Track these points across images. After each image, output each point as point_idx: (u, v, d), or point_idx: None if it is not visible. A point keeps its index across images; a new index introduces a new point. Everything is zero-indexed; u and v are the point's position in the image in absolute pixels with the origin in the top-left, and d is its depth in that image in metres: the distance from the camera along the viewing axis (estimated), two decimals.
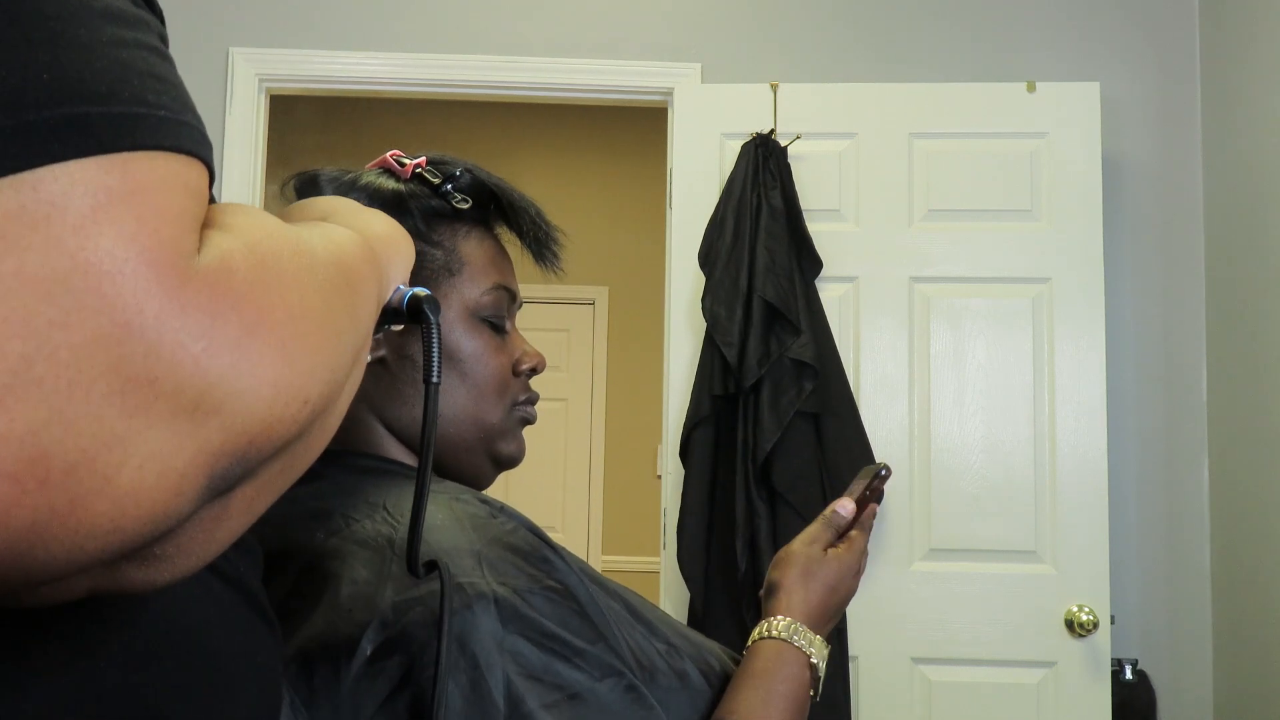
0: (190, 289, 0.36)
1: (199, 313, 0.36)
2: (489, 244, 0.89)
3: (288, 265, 0.41)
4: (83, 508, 0.34)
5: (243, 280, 0.38)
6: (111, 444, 0.34)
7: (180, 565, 0.40)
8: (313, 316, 0.41)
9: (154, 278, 0.35)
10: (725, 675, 0.82)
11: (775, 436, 2.31)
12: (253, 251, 0.39)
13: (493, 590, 0.68)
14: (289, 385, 0.39)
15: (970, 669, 2.42)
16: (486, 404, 0.86)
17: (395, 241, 0.61)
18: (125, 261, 0.34)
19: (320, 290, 0.43)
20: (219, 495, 0.39)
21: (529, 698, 0.65)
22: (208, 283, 0.37)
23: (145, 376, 0.35)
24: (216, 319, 0.36)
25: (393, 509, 0.73)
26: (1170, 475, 2.61)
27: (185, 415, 0.36)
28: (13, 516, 0.33)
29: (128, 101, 0.37)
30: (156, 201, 0.36)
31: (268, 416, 0.38)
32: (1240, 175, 2.50)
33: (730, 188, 2.49)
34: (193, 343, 0.36)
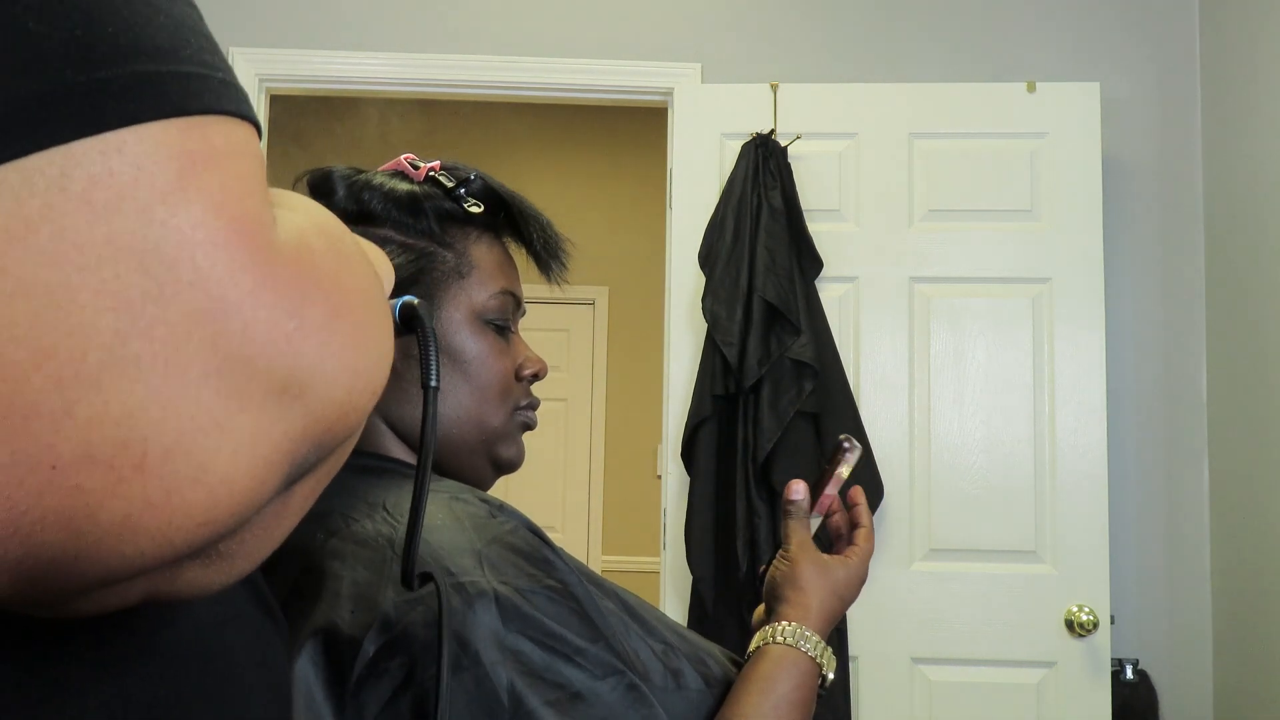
0: (279, 265, 0.34)
1: (290, 290, 0.34)
2: (498, 250, 0.90)
3: (346, 252, 0.39)
4: (178, 496, 0.32)
5: (323, 260, 0.37)
6: (209, 428, 0.32)
7: (240, 565, 0.38)
8: (370, 305, 0.40)
9: (246, 251, 0.33)
10: (723, 676, 0.82)
11: (775, 436, 2.31)
12: (323, 232, 0.38)
13: (494, 589, 0.68)
14: (365, 371, 0.38)
15: (970, 669, 2.42)
16: (489, 406, 0.86)
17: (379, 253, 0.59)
18: (217, 232, 0.32)
19: (368, 283, 0.41)
20: (290, 485, 0.37)
21: (531, 696, 0.65)
22: (295, 259, 0.35)
23: (241, 355, 0.33)
24: (305, 298, 0.35)
25: (393, 509, 0.73)
26: (1170, 475, 2.61)
27: (275, 398, 0.34)
28: (105, 508, 0.31)
29: (190, 61, 0.35)
30: (238, 169, 0.34)
31: (345, 403, 0.37)
32: (1240, 175, 2.50)
33: (730, 188, 2.50)
34: (286, 321, 0.34)
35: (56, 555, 0.31)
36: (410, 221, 0.85)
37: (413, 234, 0.85)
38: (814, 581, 0.88)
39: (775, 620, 0.87)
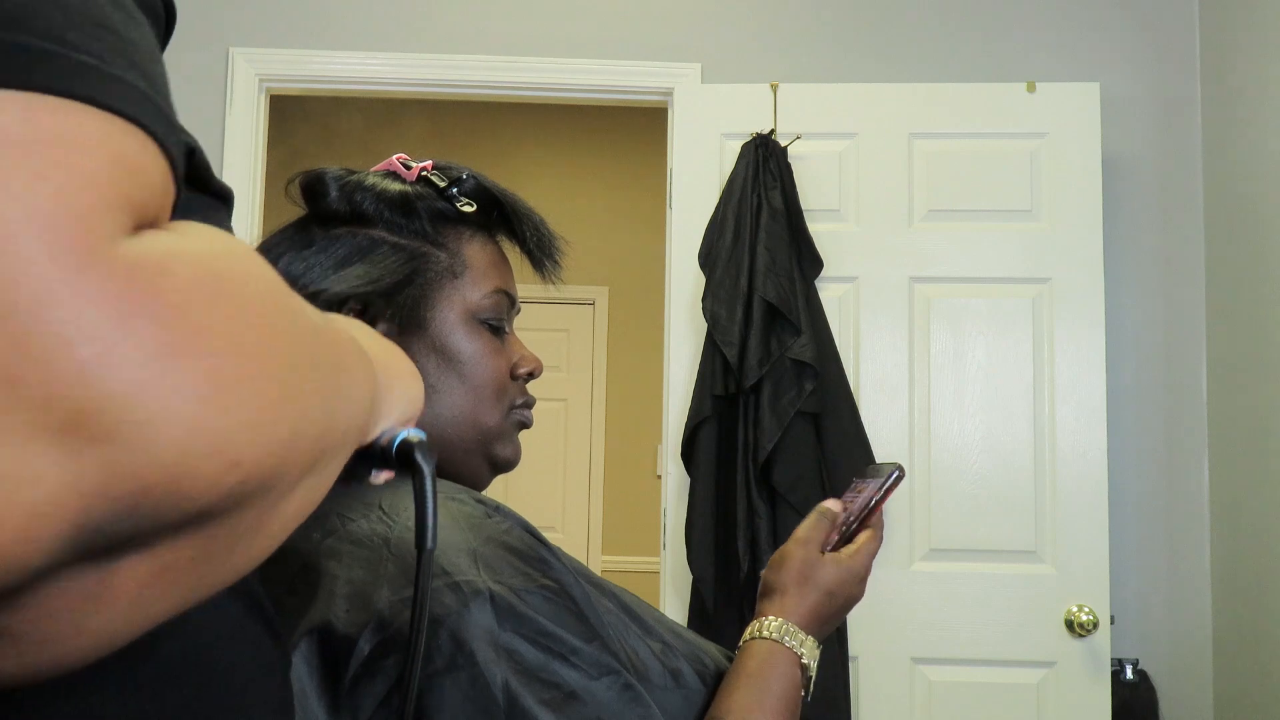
0: (96, 275, 0.28)
1: (102, 307, 0.28)
2: (491, 249, 0.90)
3: (251, 296, 0.33)
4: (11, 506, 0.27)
5: (179, 286, 0.30)
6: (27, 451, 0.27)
7: (34, 655, 0.30)
8: (269, 365, 0.33)
9: (45, 247, 0.27)
10: (720, 675, 0.82)
11: (776, 437, 2.31)
12: (205, 264, 0.32)
13: (489, 589, 0.68)
14: (212, 433, 0.30)
15: (970, 669, 2.42)
16: (484, 406, 0.86)
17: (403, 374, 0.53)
18: (9, 221, 0.27)
19: (289, 346, 0.34)
20: (96, 558, 0.30)
21: (526, 695, 0.65)
22: (126, 275, 0.29)
23: (4, 373, 0.27)
24: (126, 321, 0.28)
25: (388, 508, 0.73)
26: (1170, 475, 2.61)
27: (55, 435, 0.27)
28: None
29: (36, 34, 0.30)
30: (68, 159, 0.29)
31: (175, 464, 0.29)
32: (1240, 175, 2.50)
33: (730, 188, 2.50)
34: (83, 343, 0.28)
35: None
36: (403, 222, 0.85)
37: (405, 234, 0.85)
38: (802, 577, 0.89)
39: (761, 616, 0.87)
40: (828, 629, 0.90)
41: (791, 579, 0.89)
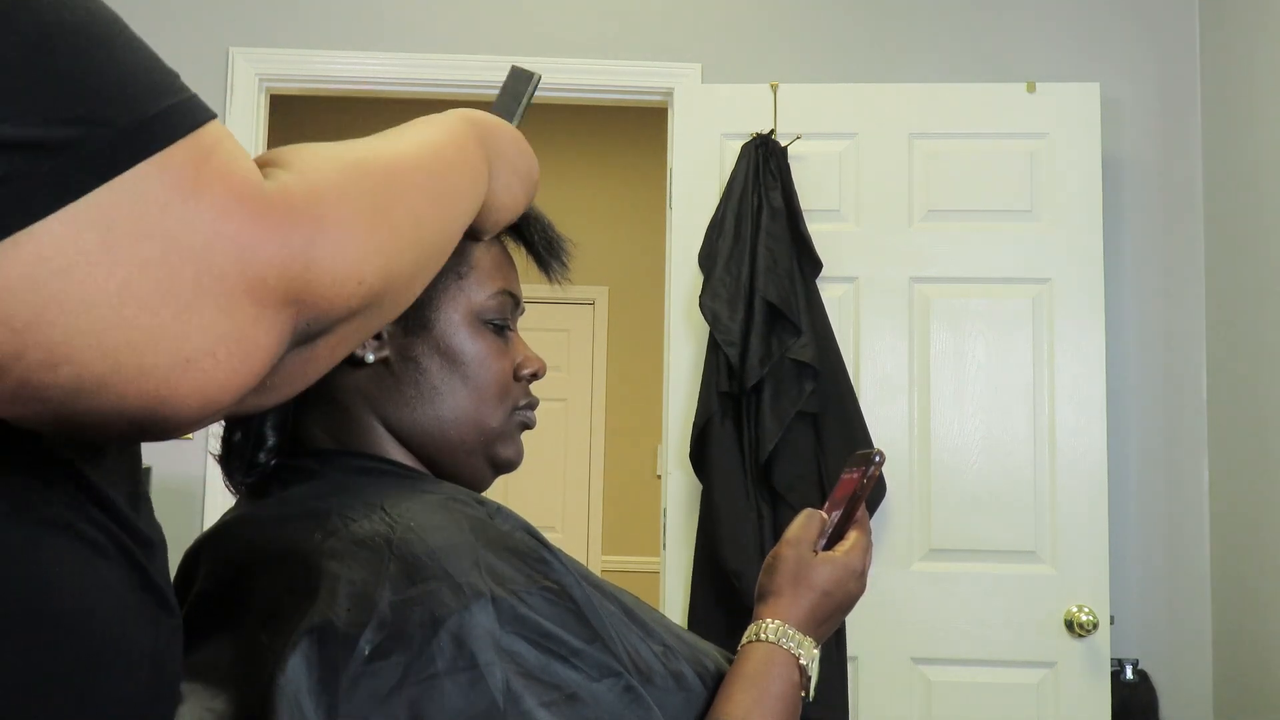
0: (268, 217, 0.51)
1: (278, 232, 0.51)
2: (496, 249, 0.89)
3: (336, 185, 0.56)
4: (249, 366, 0.51)
5: (300, 203, 0.53)
6: (252, 325, 0.51)
7: (283, 391, 0.59)
8: (362, 222, 0.56)
9: (247, 214, 0.50)
10: (720, 676, 0.82)
11: (777, 437, 2.31)
12: (305, 179, 0.55)
13: (490, 590, 0.68)
14: (343, 275, 0.55)
15: (970, 669, 2.42)
16: (487, 407, 0.86)
17: (498, 132, 0.79)
18: (228, 210, 0.49)
19: (373, 200, 0.58)
20: (304, 344, 0.56)
21: (527, 696, 0.65)
22: (278, 209, 0.51)
23: (260, 281, 0.50)
24: (289, 234, 0.52)
25: (390, 509, 0.73)
26: (1170, 475, 2.61)
27: (281, 301, 0.52)
28: (216, 374, 0.50)
29: (177, 92, 0.51)
30: (221, 159, 0.50)
31: (331, 295, 0.54)
32: (1240, 175, 2.50)
33: (730, 188, 2.50)
34: (279, 254, 0.51)
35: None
36: None
37: None
38: (796, 578, 0.88)
39: (759, 618, 0.87)
40: (828, 628, 0.89)
41: (786, 581, 0.88)
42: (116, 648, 0.57)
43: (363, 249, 0.56)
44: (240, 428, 0.84)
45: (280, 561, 0.73)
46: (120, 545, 0.59)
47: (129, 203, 0.47)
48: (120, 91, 0.48)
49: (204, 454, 2.55)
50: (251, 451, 0.83)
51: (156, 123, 0.49)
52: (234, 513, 0.84)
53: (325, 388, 0.84)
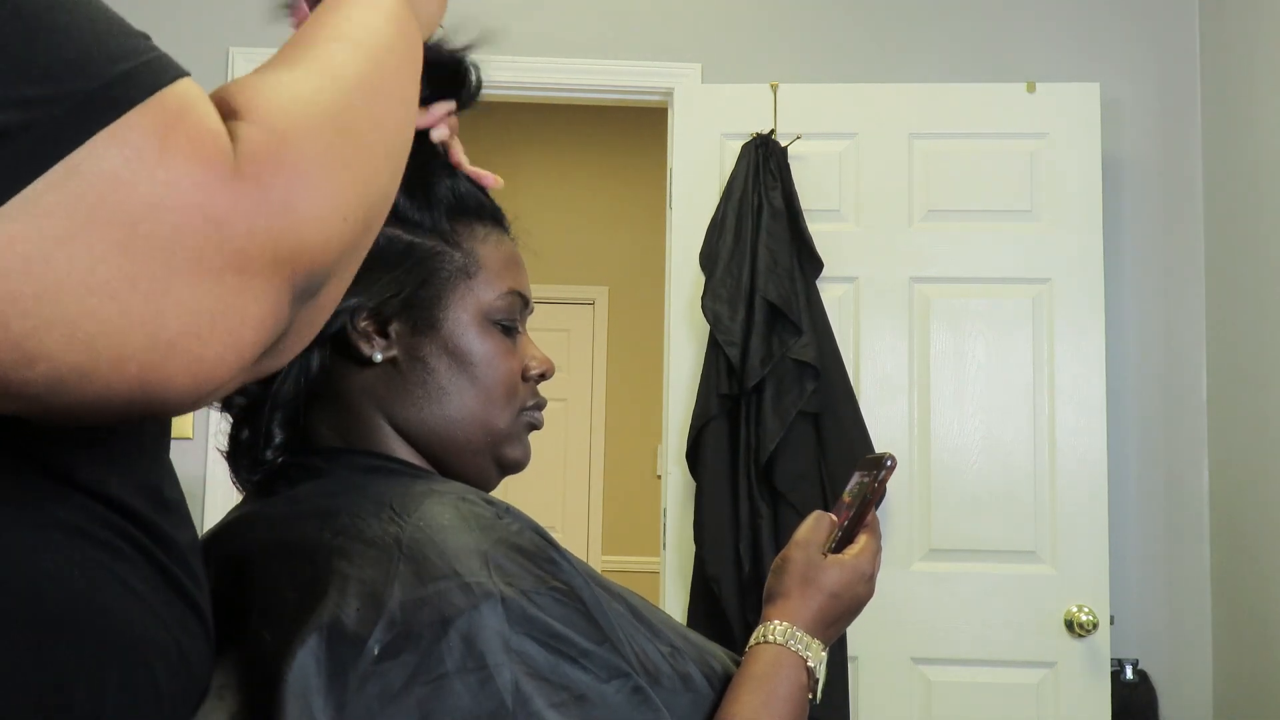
0: (239, 182, 0.48)
1: (251, 196, 0.48)
2: (505, 248, 0.89)
3: (300, 127, 0.52)
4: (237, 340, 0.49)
5: (268, 159, 0.50)
6: (237, 297, 0.48)
7: (294, 348, 0.56)
8: (334, 155, 0.53)
9: (219, 183, 0.47)
10: (727, 678, 0.82)
11: (778, 437, 2.31)
12: (268, 130, 0.51)
13: (500, 590, 0.68)
14: (328, 218, 0.52)
15: (970, 669, 2.42)
16: (495, 407, 0.86)
17: None
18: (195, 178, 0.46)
19: (338, 126, 0.55)
20: (308, 299, 0.53)
21: (536, 697, 0.65)
22: (248, 171, 0.49)
23: (240, 250, 0.48)
24: (263, 195, 0.49)
25: (399, 508, 0.73)
26: (1170, 475, 2.61)
27: (270, 265, 0.49)
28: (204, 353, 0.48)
29: (136, 54, 0.48)
30: (191, 124, 0.48)
31: (322, 243, 0.52)
32: (1240, 175, 2.50)
33: (731, 188, 2.50)
34: (258, 219, 0.48)
35: None
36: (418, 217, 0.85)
37: (420, 232, 0.85)
38: (805, 580, 0.88)
39: (767, 620, 0.87)
40: (835, 631, 0.89)
41: (794, 583, 0.88)
42: (134, 646, 0.57)
43: (340, 184, 0.53)
44: (248, 425, 0.84)
45: (288, 559, 0.73)
46: (139, 546, 0.59)
47: (86, 183, 0.44)
48: (69, 64, 0.45)
49: (204, 453, 2.55)
50: (259, 449, 0.83)
51: (111, 90, 0.46)
52: (240, 510, 0.84)
53: (333, 387, 0.83)
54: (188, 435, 2.57)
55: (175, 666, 0.60)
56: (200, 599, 0.64)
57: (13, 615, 0.51)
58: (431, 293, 0.84)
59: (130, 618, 0.57)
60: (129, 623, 0.57)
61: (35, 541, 0.53)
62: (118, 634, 0.56)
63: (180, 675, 0.61)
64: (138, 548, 0.58)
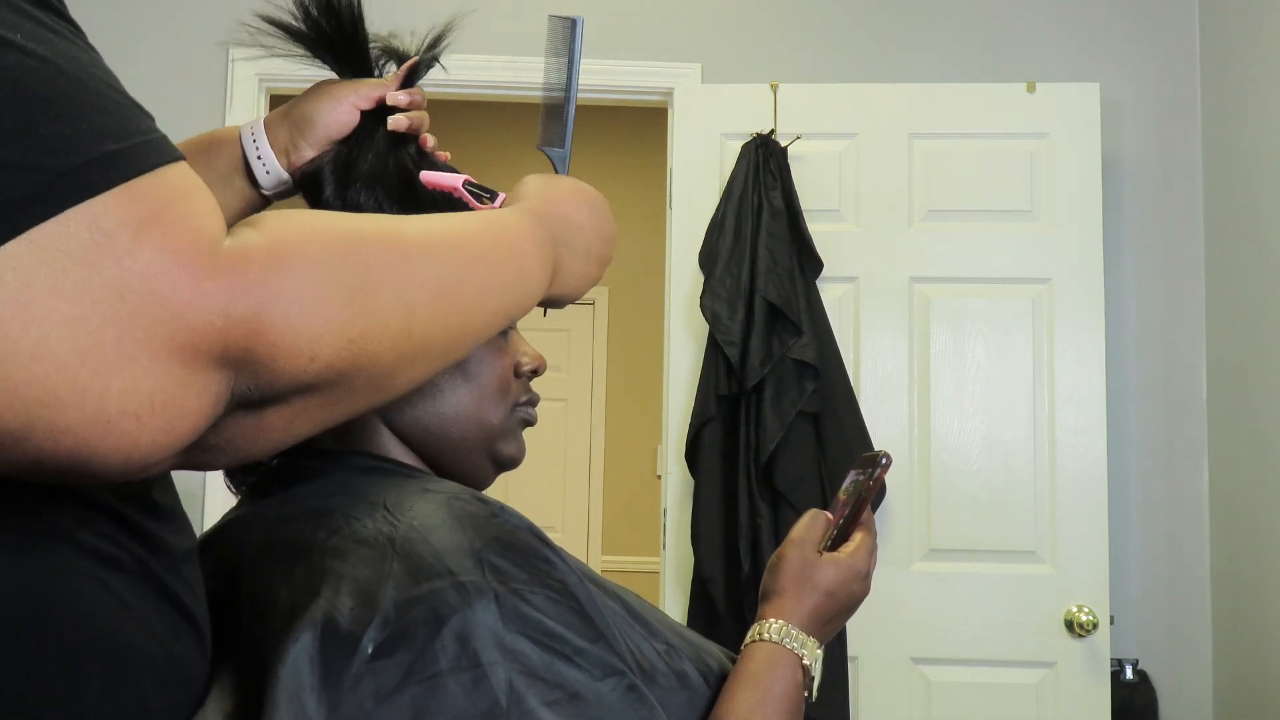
0: (211, 278, 0.48)
1: (219, 296, 0.48)
2: None
3: (304, 258, 0.53)
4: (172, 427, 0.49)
5: (256, 269, 0.50)
6: (180, 388, 0.48)
7: (233, 455, 0.55)
8: (325, 298, 0.53)
9: (185, 273, 0.47)
10: (724, 676, 0.82)
11: (778, 437, 2.31)
12: (270, 245, 0.51)
13: (493, 589, 0.68)
14: (293, 346, 0.51)
15: (970, 669, 2.42)
16: (488, 404, 0.86)
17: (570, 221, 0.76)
18: (162, 268, 0.47)
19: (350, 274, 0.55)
20: (250, 409, 0.53)
21: (530, 696, 0.65)
22: (227, 271, 0.49)
23: (190, 345, 0.48)
24: (232, 300, 0.49)
25: (393, 508, 0.73)
26: (1170, 475, 2.61)
27: (216, 365, 0.49)
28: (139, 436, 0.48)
29: (134, 135, 0.49)
30: (175, 214, 0.48)
31: (273, 367, 0.51)
32: (1240, 175, 2.50)
33: (730, 188, 2.50)
34: (216, 319, 0.48)
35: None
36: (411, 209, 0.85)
37: None
38: (800, 579, 0.88)
39: (763, 618, 0.87)
40: (831, 629, 0.89)
41: (790, 581, 0.88)
42: (119, 655, 0.57)
43: (323, 324, 0.52)
44: None
45: (282, 559, 0.73)
46: (130, 554, 0.59)
47: (50, 256, 0.44)
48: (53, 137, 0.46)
49: None
50: None
51: (91, 169, 0.46)
52: (236, 512, 0.84)
53: None
54: None
55: (165, 676, 0.60)
56: (194, 607, 0.64)
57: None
58: None
59: (116, 626, 0.57)
60: (114, 631, 0.57)
61: (17, 548, 0.53)
62: (100, 642, 0.56)
63: (171, 686, 0.61)
64: (129, 555, 0.59)
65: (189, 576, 0.64)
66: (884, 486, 2.42)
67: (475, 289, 0.64)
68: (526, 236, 0.70)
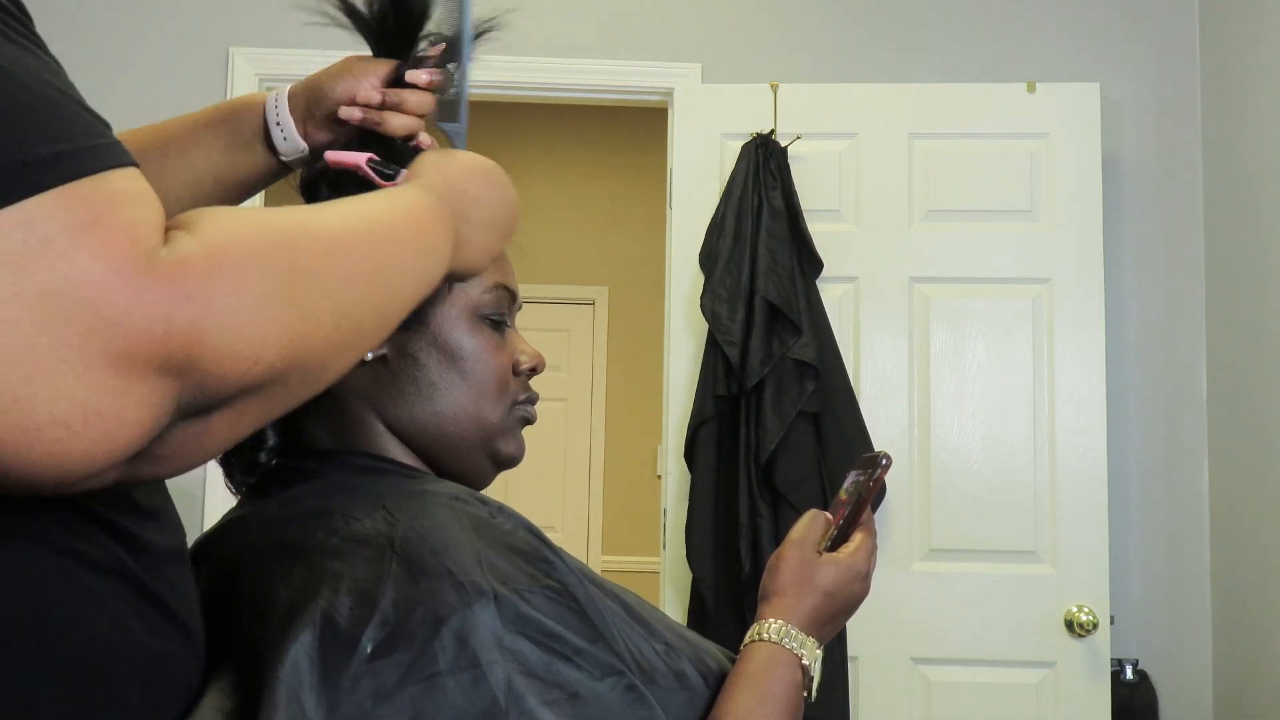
0: (150, 286, 0.48)
1: (159, 304, 0.48)
2: None
3: (241, 260, 0.52)
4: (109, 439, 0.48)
5: (195, 275, 0.49)
6: (116, 398, 0.47)
7: (179, 463, 0.54)
8: (265, 299, 0.52)
9: (123, 281, 0.47)
10: (723, 676, 0.82)
11: (778, 437, 2.31)
12: (208, 250, 0.51)
13: (493, 589, 0.68)
14: (237, 350, 0.51)
15: (970, 669, 2.42)
16: (487, 403, 0.86)
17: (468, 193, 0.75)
18: (97, 274, 0.46)
19: (285, 274, 0.54)
20: (196, 416, 0.52)
21: (529, 695, 0.65)
22: (166, 279, 0.48)
23: (127, 353, 0.47)
24: (173, 307, 0.48)
25: (393, 508, 0.73)
26: (1170, 475, 2.61)
27: (157, 374, 0.48)
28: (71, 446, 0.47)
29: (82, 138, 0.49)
30: (114, 220, 0.48)
31: (219, 372, 0.50)
32: (1240, 175, 2.50)
33: (730, 188, 2.50)
34: (156, 326, 0.48)
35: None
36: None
37: None
38: (800, 579, 0.88)
39: (762, 618, 0.86)
40: (831, 630, 0.89)
41: (789, 581, 0.88)
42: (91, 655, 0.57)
43: (263, 327, 0.52)
44: None
45: (281, 559, 0.73)
46: (109, 554, 0.59)
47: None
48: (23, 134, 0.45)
49: None
50: (251, 451, 0.83)
51: (30, 169, 0.46)
52: (235, 513, 0.84)
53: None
54: None
55: (143, 673, 0.60)
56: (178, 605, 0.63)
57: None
58: None
59: (85, 623, 0.57)
60: (83, 629, 0.57)
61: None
62: (68, 639, 0.56)
63: (151, 683, 0.61)
64: (104, 553, 0.58)
65: (174, 575, 0.64)
66: (884, 487, 2.42)
67: (393, 272, 0.64)
68: (431, 214, 0.69)
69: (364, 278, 0.61)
